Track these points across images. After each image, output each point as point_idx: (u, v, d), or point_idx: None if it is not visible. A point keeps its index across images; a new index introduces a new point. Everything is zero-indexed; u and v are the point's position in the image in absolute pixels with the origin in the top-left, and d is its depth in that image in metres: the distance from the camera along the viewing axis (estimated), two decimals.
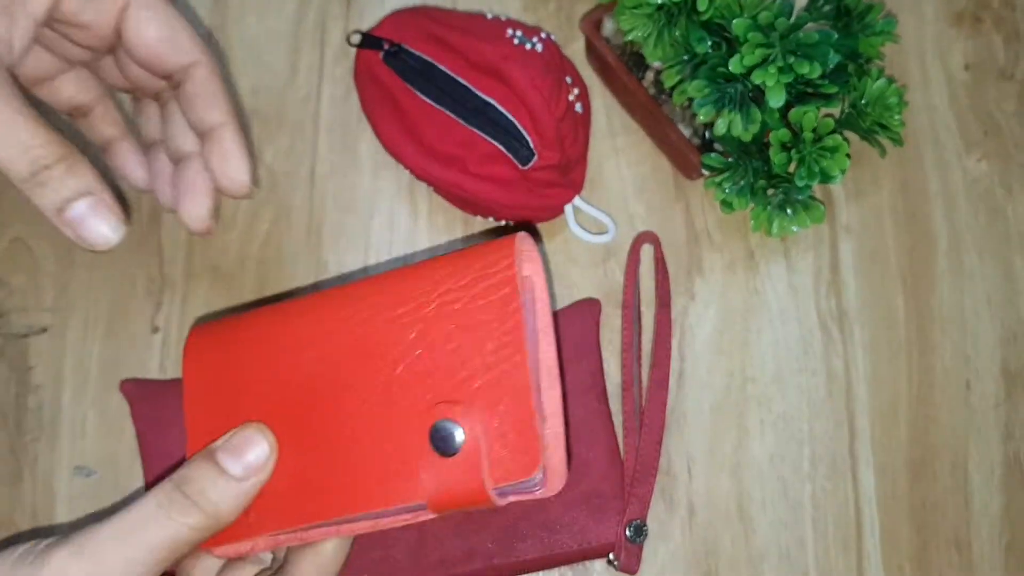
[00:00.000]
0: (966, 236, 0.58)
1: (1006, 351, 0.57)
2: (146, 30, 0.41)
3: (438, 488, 0.35)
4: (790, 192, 0.52)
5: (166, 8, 0.42)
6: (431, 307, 0.36)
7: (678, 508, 0.53)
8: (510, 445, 0.35)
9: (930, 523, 0.54)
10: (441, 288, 0.37)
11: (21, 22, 0.37)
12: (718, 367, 0.55)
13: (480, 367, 0.35)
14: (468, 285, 0.36)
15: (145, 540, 0.34)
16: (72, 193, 0.37)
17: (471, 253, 0.37)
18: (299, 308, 0.40)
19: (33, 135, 0.36)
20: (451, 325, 0.36)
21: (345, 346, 0.38)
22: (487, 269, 0.36)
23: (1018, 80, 0.61)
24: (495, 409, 0.35)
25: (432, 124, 0.53)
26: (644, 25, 0.50)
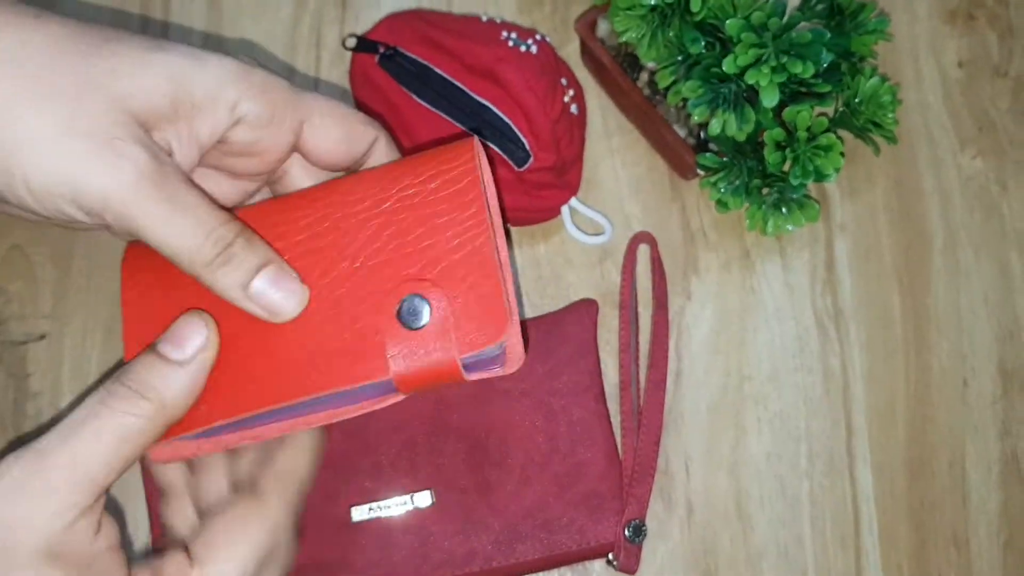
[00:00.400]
0: (961, 233, 0.58)
1: (1003, 348, 0.57)
2: (324, 139, 0.40)
3: (407, 363, 0.36)
4: (785, 191, 0.52)
5: (340, 109, 0.40)
6: (389, 203, 0.37)
7: (676, 507, 0.53)
8: (477, 316, 0.36)
9: (928, 521, 0.54)
10: (400, 184, 0.38)
11: (184, 143, 0.36)
12: (715, 366, 0.56)
13: (444, 250, 0.37)
14: (426, 180, 0.38)
15: (90, 435, 0.34)
16: (255, 266, 0.36)
17: (427, 154, 0.39)
18: (250, 213, 0.39)
19: (214, 217, 0.36)
20: (411, 216, 0.37)
21: (300, 245, 0.38)
22: (444, 165, 0.38)
23: (1012, 77, 0.61)
24: (462, 283, 0.36)
25: (428, 127, 0.53)
26: (638, 26, 0.50)
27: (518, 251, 0.57)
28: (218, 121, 0.36)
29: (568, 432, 0.51)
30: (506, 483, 0.51)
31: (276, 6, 0.60)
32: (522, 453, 0.51)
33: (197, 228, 0.35)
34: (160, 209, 0.34)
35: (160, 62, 0.35)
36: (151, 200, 0.34)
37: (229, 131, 0.37)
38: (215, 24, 0.60)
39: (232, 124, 0.37)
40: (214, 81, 0.36)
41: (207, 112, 0.36)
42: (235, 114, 0.37)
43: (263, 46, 0.60)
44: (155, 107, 0.35)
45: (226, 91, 0.36)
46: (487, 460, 0.51)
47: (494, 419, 0.51)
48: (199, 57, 0.36)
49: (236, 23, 0.60)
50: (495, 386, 0.52)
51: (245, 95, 0.37)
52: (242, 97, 0.37)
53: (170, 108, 0.35)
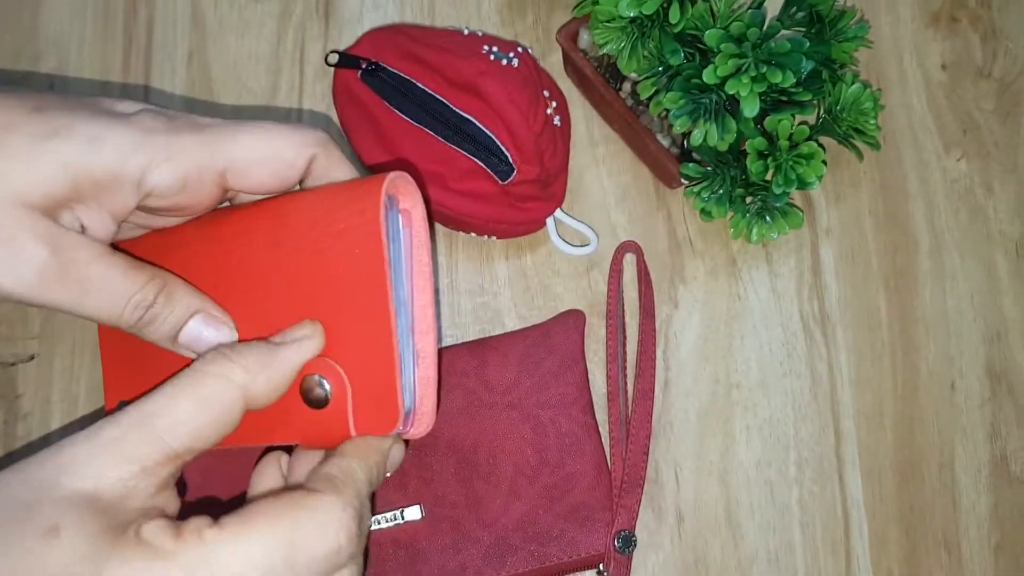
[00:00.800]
0: (947, 236, 0.58)
1: (990, 350, 0.57)
2: (251, 180, 0.38)
3: (310, 434, 0.37)
4: (768, 199, 0.52)
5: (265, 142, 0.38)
6: (305, 253, 0.37)
7: (667, 516, 0.54)
8: (373, 401, 0.36)
9: (918, 525, 0.54)
10: (314, 233, 0.36)
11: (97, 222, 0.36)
12: (703, 374, 0.56)
13: (347, 322, 0.36)
14: (338, 233, 0.36)
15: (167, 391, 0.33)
16: (179, 319, 0.37)
17: (343, 193, 0.37)
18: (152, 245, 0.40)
19: (129, 283, 0.36)
20: (321, 275, 0.36)
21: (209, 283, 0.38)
22: (354, 218, 0.36)
23: (996, 78, 0.61)
24: (360, 364, 0.36)
25: (411, 141, 0.53)
26: (618, 38, 0.50)
27: (504, 263, 0.57)
28: (126, 197, 0.36)
29: (557, 444, 0.52)
30: (495, 496, 0.51)
31: (259, 22, 0.60)
32: (511, 466, 0.51)
33: (112, 300, 0.36)
34: (69, 293, 0.35)
35: (52, 151, 0.35)
36: (56, 288, 0.35)
37: (143, 201, 0.37)
38: (199, 40, 0.60)
39: (143, 197, 0.36)
40: (113, 162, 0.35)
41: (112, 190, 0.36)
42: (143, 189, 0.36)
43: (247, 62, 0.60)
44: (53, 195, 0.35)
45: (128, 169, 0.35)
46: (476, 474, 0.51)
47: (482, 432, 0.51)
48: (95, 138, 0.35)
49: (219, 40, 0.60)
50: (483, 399, 0.52)
51: (150, 168, 0.35)
52: (147, 170, 0.35)
53: (70, 193, 0.35)
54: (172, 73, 0.60)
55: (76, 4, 0.61)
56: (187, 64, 0.60)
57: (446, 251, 0.57)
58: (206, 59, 0.60)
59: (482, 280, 0.57)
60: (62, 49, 0.60)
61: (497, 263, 0.57)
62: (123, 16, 0.61)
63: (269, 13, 0.61)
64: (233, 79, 0.59)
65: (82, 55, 0.60)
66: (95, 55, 0.60)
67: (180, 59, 0.60)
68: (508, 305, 0.56)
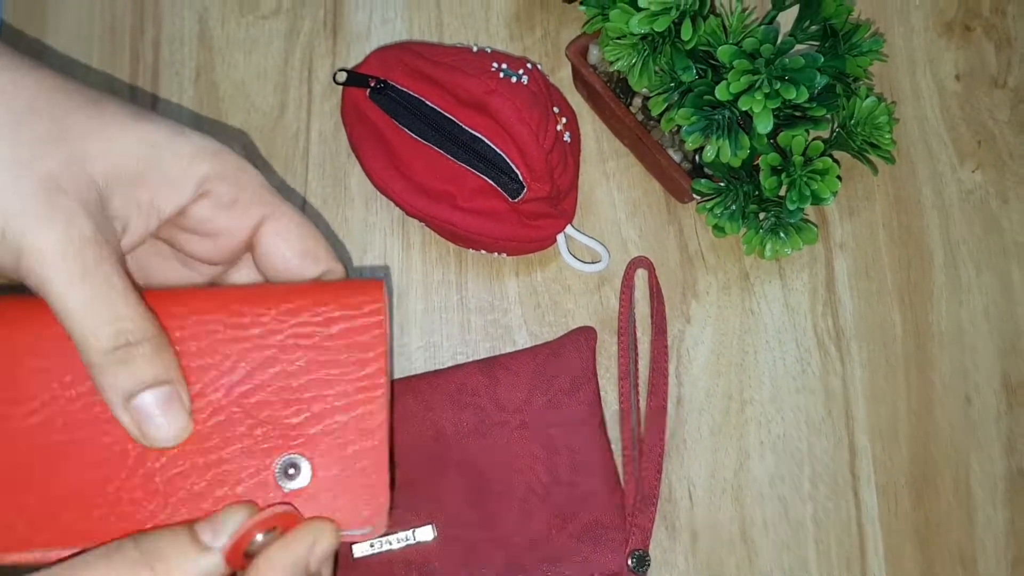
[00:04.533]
0: (962, 248, 0.58)
1: (1006, 363, 0.56)
2: (280, 244, 0.37)
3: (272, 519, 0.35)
4: (782, 215, 0.52)
5: (306, 223, 0.38)
6: (281, 335, 0.35)
7: (681, 535, 0.53)
8: (354, 495, 0.34)
9: (934, 540, 0.54)
10: (297, 317, 0.35)
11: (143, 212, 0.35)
12: (716, 390, 0.55)
13: (331, 407, 0.35)
14: (325, 323, 0.35)
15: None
16: (149, 378, 0.33)
17: (332, 289, 0.36)
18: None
19: (125, 306, 0.33)
20: (302, 358, 0.35)
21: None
22: (350, 310, 0.35)
23: (1010, 88, 0.60)
24: (342, 452, 0.35)
25: (420, 160, 0.53)
26: (629, 55, 0.49)
27: (515, 279, 0.56)
28: (183, 193, 0.35)
29: (569, 462, 0.51)
30: (508, 516, 0.50)
31: (267, 40, 0.60)
32: (523, 485, 0.51)
33: (104, 312, 0.32)
34: (69, 277, 0.32)
35: (140, 130, 0.34)
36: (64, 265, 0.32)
37: (191, 204, 0.36)
38: (206, 58, 0.60)
39: (196, 198, 0.36)
40: (190, 154, 0.35)
41: (175, 183, 0.35)
42: (201, 189, 0.36)
43: (256, 80, 0.59)
44: (121, 172, 0.34)
45: (199, 166, 0.35)
46: (488, 493, 0.51)
47: (494, 452, 0.51)
48: (181, 131, 0.35)
49: (227, 57, 0.60)
50: (494, 418, 0.52)
51: (216, 172, 0.36)
52: (212, 174, 0.35)
53: (138, 173, 0.34)
54: (179, 91, 0.59)
55: (82, 22, 0.61)
56: (195, 82, 0.60)
57: (456, 269, 0.57)
58: (213, 77, 0.60)
59: (492, 297, 0.56)
60: (68, 67, 0.59)
61: (507, 280, 0.56)
62: (130, 34, 0.60)
63: (276, 30, 0.60)
64: (241, 97, 0.59)
65: (89, 74, 0.59)
66: (102, 73, 0.59)
67: (187, 77, 0.60)
68: (519, 322, 0.56)
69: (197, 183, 0.35)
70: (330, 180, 0.58)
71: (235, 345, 0.35)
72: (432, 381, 0.53)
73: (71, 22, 0.60)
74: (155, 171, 0.35)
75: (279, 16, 0.61)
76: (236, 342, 0.35)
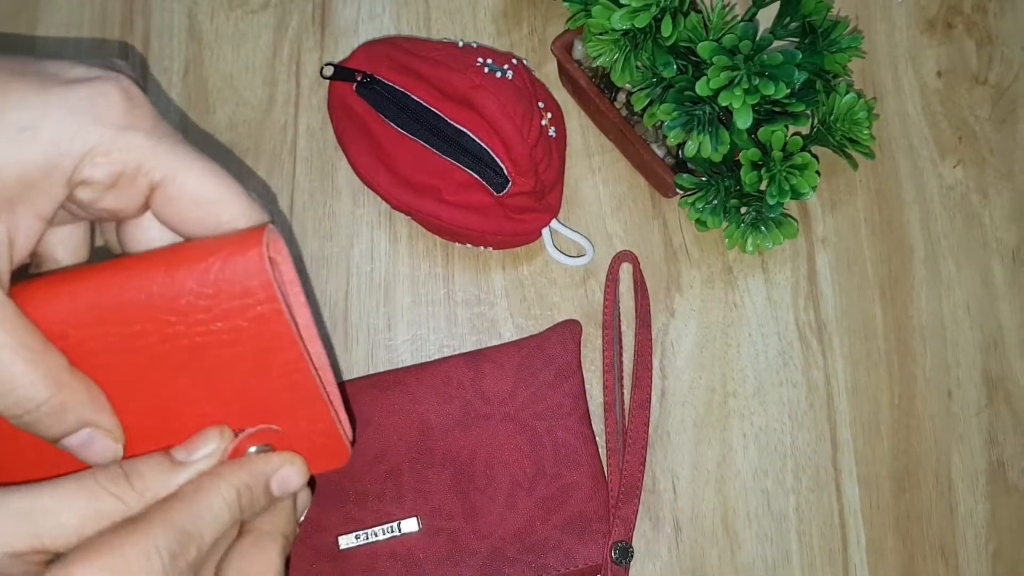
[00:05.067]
0: (943, 243, 0.58)
1: (987, 358, 0.57)
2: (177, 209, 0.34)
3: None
4: (762, 210, 0.52)
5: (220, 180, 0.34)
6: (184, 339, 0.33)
7: (664, 526, 0.54)
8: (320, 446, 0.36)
9: (916, 533, 0.54)
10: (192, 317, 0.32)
11: (24, 225, 0.32)
12: (699, 383, 0.56)
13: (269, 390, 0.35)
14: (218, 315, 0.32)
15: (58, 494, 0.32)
16: (67, 429, 0.33)
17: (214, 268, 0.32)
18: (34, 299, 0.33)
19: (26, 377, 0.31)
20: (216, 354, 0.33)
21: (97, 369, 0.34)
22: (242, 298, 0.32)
23: (991, 85, 0.61)
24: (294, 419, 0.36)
25: (406, 154, 0.53)
26: (611, 51, 0.50)
27: (501, 273, 0.57)
28: (57, 193, 0.32)
29: (553, 455, 0.52)
30: (492, 508, 0.51)
31: (256, 34, 0.61)
32: (508, 477, 0.51)
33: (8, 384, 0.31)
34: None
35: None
36: None
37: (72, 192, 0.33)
38: (195, 52, 0.60)
39: (72, 189, 0.32)
40: (46, 154, 0.31)
41: (43, 188, 0.32)
42: (74, 180, 0.32)
43: (244, 74, 0.60)
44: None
45: (61, 160, 0.31)
46: (473, 485, 0.51)
47: (479, 444, 0.52)
48: (27, 128, 0.31)
49: (216, 51, 0.60)
50: (479, 411, 0.52)
51: (86, 160, 0.32)
52: (82, 163, 0.32)
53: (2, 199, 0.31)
54: (168, 85, 0.60)
55: (72, 16, 0.61)
56: (183, 76, 0.60)
57: (443, 262, 0.57)
58: (202, 71, 0.60)
59: (479, 290, 0.57)
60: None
61: (494, 273, 0.57)
62: (119, 28, 0.61)
63: (265, 24, 0.61)
64: (229, 91, 0.60)
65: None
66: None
67: (176, 71, 0.60)
68: (505, 315, 0.56)
69: (66, 179, 0.32)
70: (317, 174, 0.58)
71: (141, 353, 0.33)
72: (418, 374, 0.53)
73: (61, 15, 0.61)
74: (14, 187, 0.31)
75: (268, 10, 0.61)
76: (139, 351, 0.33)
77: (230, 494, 0.34)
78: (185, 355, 0.33)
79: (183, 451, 0.35)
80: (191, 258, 0.32)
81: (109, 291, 0.32)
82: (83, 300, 0.32)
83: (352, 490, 0.51)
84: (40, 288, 0.32)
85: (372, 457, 0.51)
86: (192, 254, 0.32)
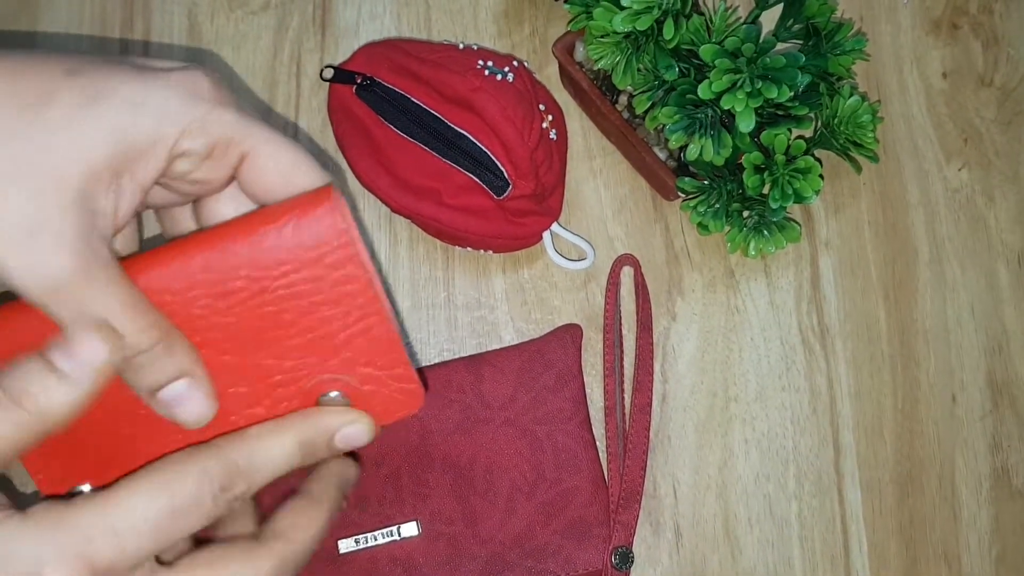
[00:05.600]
0: (948, 246, 0.58)
1: (991, 362, 0.56)
2: (264, 177, 0.37)
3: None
4: (765, 213, 0.52)
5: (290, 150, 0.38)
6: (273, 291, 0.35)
7: (665, 531, 0.53)
8: (394, 392, 0.38)
9: (919, 538, 0.54)
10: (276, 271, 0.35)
11: (128, 194, 0.35)
12: (701, 387, 0.55)
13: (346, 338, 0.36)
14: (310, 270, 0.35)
15: None
16: (167, 377, 0.35)
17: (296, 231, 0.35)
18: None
19: (132, 322, 0.34)
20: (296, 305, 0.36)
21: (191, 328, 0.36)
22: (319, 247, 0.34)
23: (997, 86, 0.60)
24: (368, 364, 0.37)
25: (406, 156, 0.53)
26: (612, 53, 0.50)
27: (501, 276, 0.57)
28: (159, 163, 0.35)
29: (553, 459, 0.51)
30: (492, 512, 0.51)
31: (256, 35, 0.60)
32: (508, 482, 0.51)
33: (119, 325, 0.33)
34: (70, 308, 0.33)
35: (94, 120, 0.33)
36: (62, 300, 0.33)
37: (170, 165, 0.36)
38: (195, 53, 0.60)
39: (171, 159, 0.36)
40: (154, 124, 0.34)
41: (149, 156, 0.35)
42: (175, 152, 0.35)
43: (244, 75, 0.60)
44: (93, 168, 0.33)
45: (167, 132, 0.35)
46: (473, 490, 0.51)
47: (479, 448, 0.51)
48: (138, 102, 0.34)
49: (216, 52, 0.60)
50: (479, 415, 0.52)
51: (186, 131, 0.35)
52: (183, 135, 0.35)
53: (113, 165, 0.34)
54: None
55: (72, 16, 0.61)
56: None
57: (443, 265, 0.57)
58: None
59: (479, 294, 0.56)
60: None
61: (494, 277, 0.57)
62: (120, 29, 0.61)
63: (266, 25, 0.60)
64: None
65: None
66: None
67: None
68: (505, 319, 0.56)
69: (168, 150, 0.35)
70: None
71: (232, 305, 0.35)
72: None
73: (61, 15, 0.60)
74: (125, 157, 0.34)
75: (268, 11, 0.61)
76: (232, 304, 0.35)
77: (291, 444, 0.36)
78: (268, 312, 0.35)
79: (59, 353, 0.34)
80: (269, 218, 0.35)
81: (197, 258, 0.35)
82: (175, 268, 0.35)
83: (352, 494, 0.51)
84: (134, 262, 0.35)
85: (372, 461, 0.51)
86: (270, 214, 0.35)
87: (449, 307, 0.56)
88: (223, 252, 0.35)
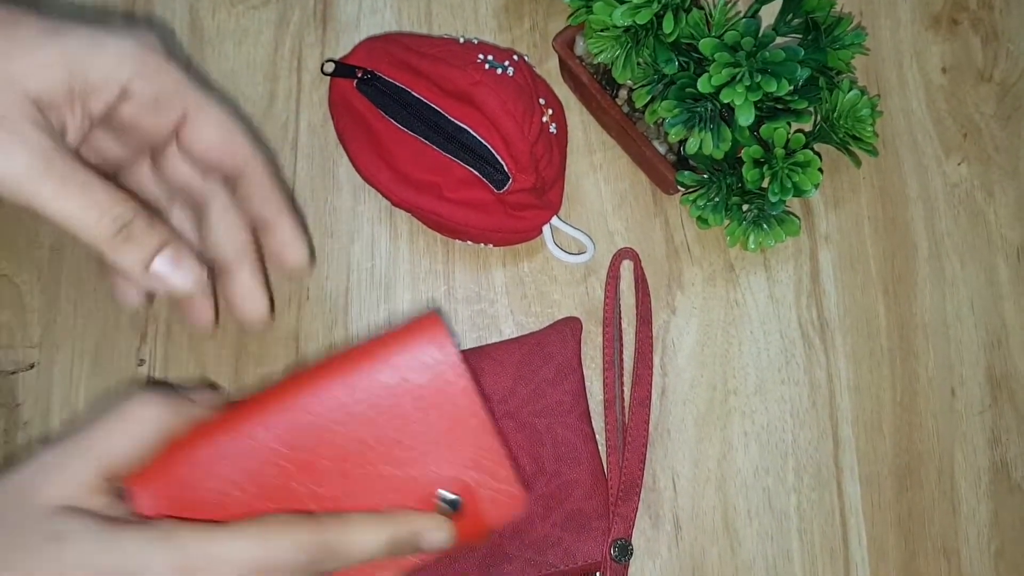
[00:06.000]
0: (947, 241, 0.58)
1: (990, 356, 0.56)
2: (202, 137, 0.42)
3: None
4: (764, 207, 0.52)
5: (226, 116, 0.43)
6: (392, 401, 0.41)
7: (664, 524, 0.54)
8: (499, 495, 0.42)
9: (918, 532, 0.54)
10: (391, 402, 0.41)
11: (77, 119, 0.38)
12: (701, 381, 0.56)
13: (456, 447, 0.41)
14: (424, 386, 0.41)
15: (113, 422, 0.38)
16: (157, 245, 0.39)
17: (407, 356, 0.41)
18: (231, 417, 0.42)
19: (110, 195, 0.37)
20: (423, 416, 0.41)
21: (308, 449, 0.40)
22: (438, 378, 0.41)
23: (997, 82, 0.60)
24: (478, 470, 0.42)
25: (406, 150, 0.53)
26: (612, 47, 0.50)
27: (501, 270, 0.57)
28: (108, 96, 0.39)
29: (553, 452, 0.52)
30: None
31: (257, 30, 0.60)
32: None
33: (94, 206, 0.37)
34: (55, 188, 0.36)
35: (56, 45, 0.37)
36: (45, 179, 0.36)
37: (116, 105, 0.39)
38: (197, 48, 0.60)
39: (119, 99, 0.39)
40: (110, 64, 0.38)
41: (100, 91, 0.38)
42: (125, 91, 0.39)
43: (245, 70, 0.60)
44: (50, 87, 0.37)
45: (120, 72, 0.38)
46: None
47: None
48: (97, 41, 0.38)
49: (217, 47, 0.60)
50: None
51: (138, 75, 0.39)
52: (134, 77, 0.39)
53: (65, 89, 0.37)
54: None
55: (72, 9, 0.61)
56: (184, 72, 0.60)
57: (444, 259, 0.57)
58: (204, 67, 0.60)
59: (479, 288, 0.57)
60: None
61: (494, 270, 0.57)
62: (121, 23, 0.61)
63: (267, 20, 0.61)
64: (231, 86, 0.59)
65: None
66: None
67: None
68: (505, 312, 0.56)
69: (120, 86, 0.38)
70: (319, 170, 0.58)
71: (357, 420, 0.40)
72: None
73: (62, 8, 0.61)
74: (80, 81, 0.38)
75: (269, 6, 0.61)
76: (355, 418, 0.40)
77: (385, 538, 0.40)
78: (392, 425, 0.41)
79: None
80: (381, 352, 0.41)
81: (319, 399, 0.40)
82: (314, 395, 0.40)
83: None
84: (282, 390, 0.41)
85: None
86: (380, 350, 0.41)
87: (449, 300, 0.56)
88: (342, 389, 0.40)
